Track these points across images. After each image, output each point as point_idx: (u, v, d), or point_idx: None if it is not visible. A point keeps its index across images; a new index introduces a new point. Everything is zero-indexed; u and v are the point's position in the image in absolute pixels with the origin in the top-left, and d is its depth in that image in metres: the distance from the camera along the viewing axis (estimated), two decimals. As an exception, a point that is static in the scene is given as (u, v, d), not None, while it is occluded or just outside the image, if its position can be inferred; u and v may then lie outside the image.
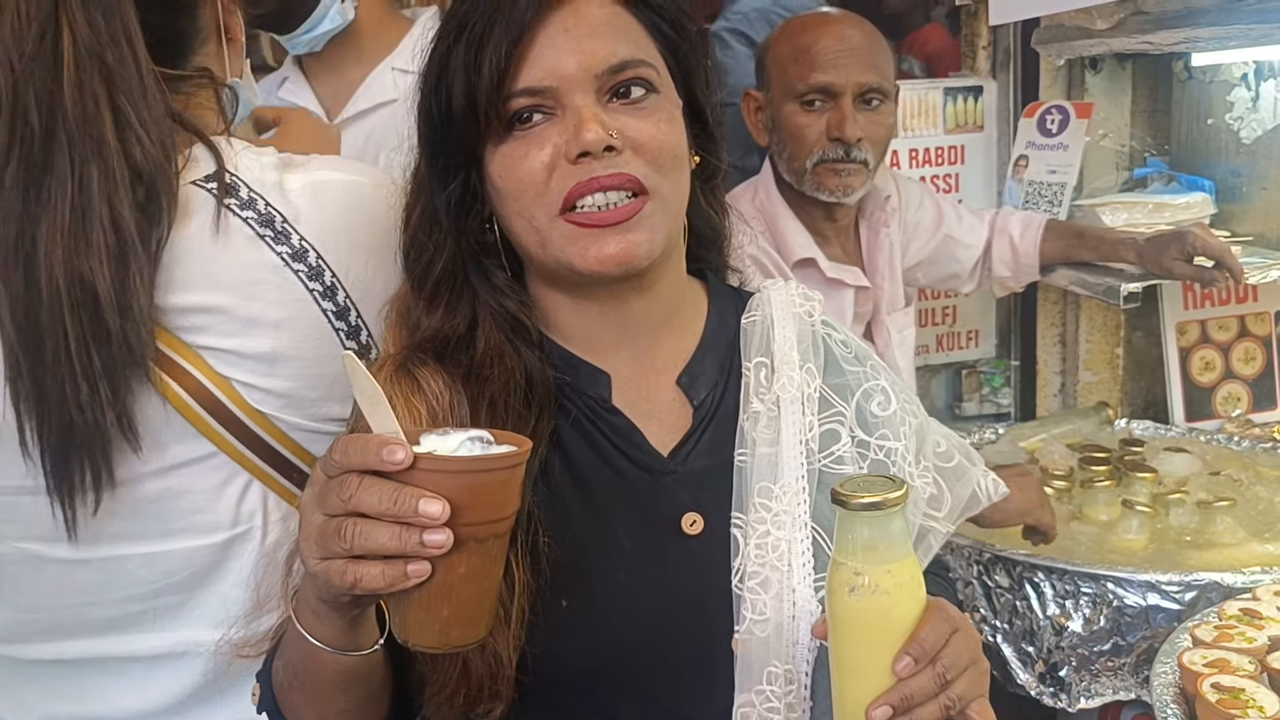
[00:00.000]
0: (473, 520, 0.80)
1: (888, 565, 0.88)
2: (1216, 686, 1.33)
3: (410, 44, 1.85)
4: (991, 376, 2.85)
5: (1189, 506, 1.94)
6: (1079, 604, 1.71)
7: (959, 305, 2.80)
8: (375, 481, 0.79)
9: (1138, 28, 2.14)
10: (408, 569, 0.79)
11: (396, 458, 0.78)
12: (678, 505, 1.04)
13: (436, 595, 0.81)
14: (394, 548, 0.78)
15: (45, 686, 1.23)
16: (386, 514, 0.78)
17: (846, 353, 1.14)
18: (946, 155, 2.74)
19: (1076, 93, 2.55)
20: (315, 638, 0.89)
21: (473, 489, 0.80)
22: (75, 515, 1.10)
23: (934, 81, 2.79)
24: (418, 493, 0.78)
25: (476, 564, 0.82)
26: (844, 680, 0.91)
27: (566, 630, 1.00)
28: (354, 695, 0.96)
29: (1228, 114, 2.35)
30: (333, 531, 0.80)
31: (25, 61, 1.05)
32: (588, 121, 0.96)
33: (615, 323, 1.07)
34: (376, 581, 0.80)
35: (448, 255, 1.05)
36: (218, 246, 1.11)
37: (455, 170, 1.03)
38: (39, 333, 1.05)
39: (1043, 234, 2.31)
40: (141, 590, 1.17)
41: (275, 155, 1.20)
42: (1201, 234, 2.09)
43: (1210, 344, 2.48)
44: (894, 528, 0.89)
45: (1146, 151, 2.57)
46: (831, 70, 1.94)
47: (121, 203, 1.07)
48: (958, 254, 2.32)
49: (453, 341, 1.05)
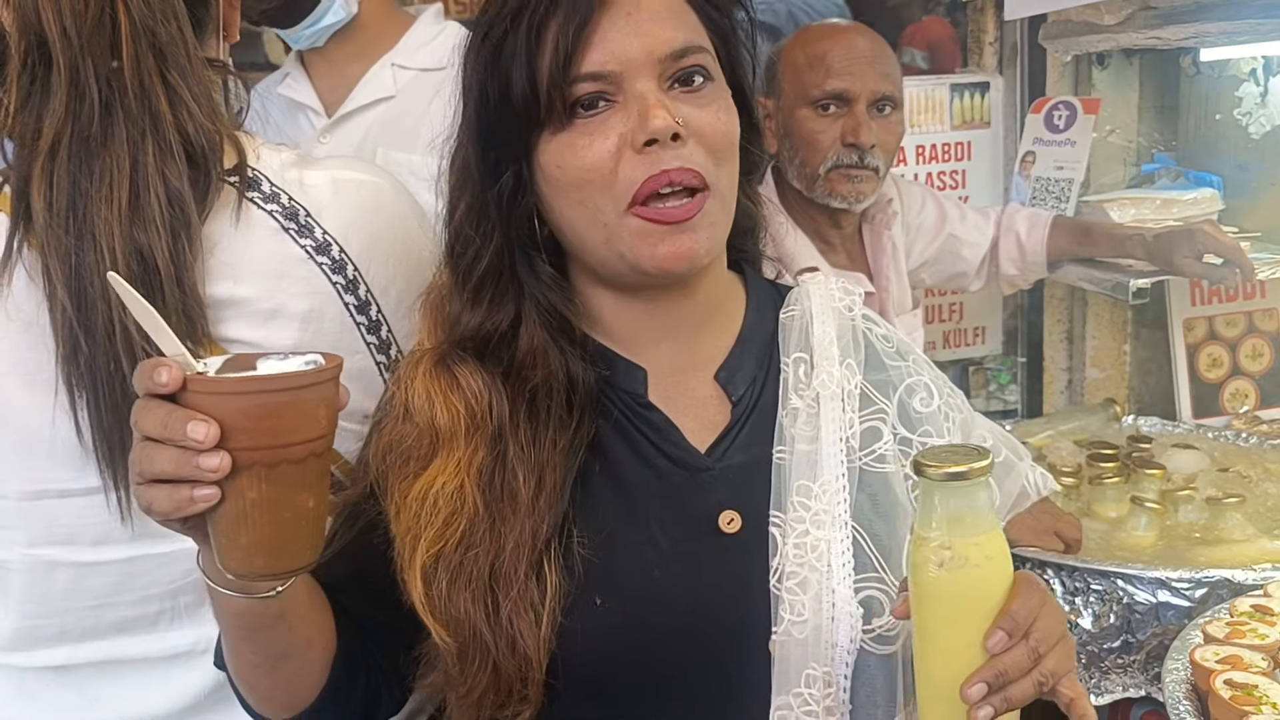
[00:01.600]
0: (255, 444, 0.79)
1: (975, 538, 0.85)
2: (1229, 683, 1.32)
3: (412, 40, 1.85)
4: (998, 373, 2.85)
5: (1198, 503, 1.93)
6: (1089, 601, 1.71)
7: (966, 302, 2.79)
8: (152, 403, 0.79)
9: (1146, 23, 2.13)
10: (193, 494, 0.79)
11: (161, 379, 0.78)
12: (715, 503, 1.02)
13: (231, 522, 0.81)
14: (171, 471, 0.79)
15: (55, 695, 1.21)
16: (161, 437, 0.79)
17: (888, 347, 1.11)
18: (953, 151, 2.73)
19: (1084, 88, 2.54)
20: (207, 575, 0.90)
21: (248, 411, 0.79)
22: (132, 503, 1.09)
23: (941, 77, 2.79)
24: (187, 414, 0.78)
25: (269, 491, 0.80)
26: (930, 659, 0.88)
27: (600, 629, 0.97)
28: (260, 648, 0.95)
29: (1236, 109, 2.34)
30: (133, 457, 0.81)
31: (86, 35, 1.06)
32: (655, 108, 0.94)
33: (659, 320, 1.05)
34: (164, 505, 0.80)
35: (494, 249, 1.02)
36: (242, 239, 1.11)
37: (508, 161, 1.00)
38: (90, 309, 1.05)
39: (1050, 231, 2.30)
40: (159, 590, 1.16)
41: (292, 152, 1.21)
42: (1212, 231, 2.08)
43: (1218, 340, 2.48)
44: (980, 499, 0.86)
45: (1154, 147, 2.56)
46: (847, 76, 1.95)
47: (176, 176, 1.07)
48: (962, 253, 2.31)
49: (494, 339, 1.02)
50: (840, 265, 2.07)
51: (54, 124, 1.06)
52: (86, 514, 1.12)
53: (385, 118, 1.81)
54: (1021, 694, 0.85)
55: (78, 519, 1.12)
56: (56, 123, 1.06)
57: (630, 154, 0.95)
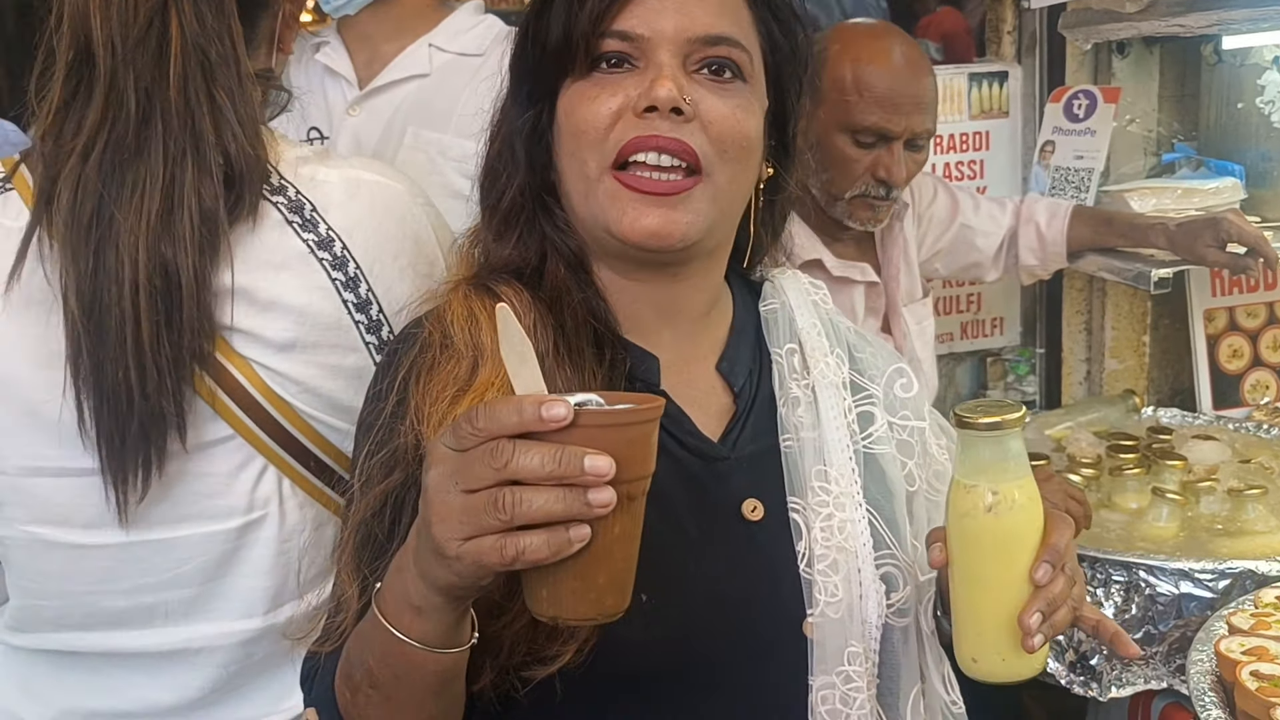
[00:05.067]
0: (628, 477, 0.75)
1: (1019, 481, 0.93)
2: (1256, 674, 1.32)
3: (451, 26, 1.85)
4: (1016, 364, 2.83)
5: (1219, 494, 1.92)
6: (1110, 592, 1.70)
7: (983, 292, 2.78)
8: (533, 444, 0.72)
9: (1169, 10, 2.12)
10: (569, 534, 0.73)
11: (558, 414, 0.72)
12: (736, 491, 1.03)
13: (593, 561, 0.76)
14: (560, 511, 0.72)
15: (60, 680, 1.22)
16: (550, 476, 0.72)
17: (857, 339, 1.16)
18: (972, 141, 2.72)
19: (1103, 77, 2.52)
20: (414, 638, 0.82)
21: (630, 442, 0.76)
22: (126, 500, 1.11)
23: (959, 67, 2.77)
24: (583, 450, 0.72)
25: (628, 524, 0.78)
26: (979, 599, 0.95)
27: (645, 625, 0.94)
28: (448, 697, 0.89)
29: (1259, 98, 2.32)
30: (483, 505, 0.73)
31: (130, 46, 1.06)
32: (663, 79, 0.96)
33: (658, 306, 1.05)
34: (541, 551, 0.73)
35: (517, 187, 1.04)
36: (244, 228, 1.11)
37: (535, 100, 1.03)
38: (103, 315, 1.06)
39: (1070, 221, 2.28)
40: (152, 581, 1.16)
41: (311, 149, 1.22)
42: (1237, 220, 2.07)
43: (1238, 331, 2.46)
44: (1017, 446, 0.94)
45: (1174, 136, 2.54)
46: (892, 115, 1.91)
47: (211, 197, 1.08)
48: (976, 242, 2.30)
49: (526, 272, 1.03)
50: (848, 256, 2.07)
51: (89, 129, 1.07)
52: (80, 495, 1.13)
53: (418, 96, 1.80)
54: (1063, 620, 0.93)
55: (71, 499, 1.13)
56: (91, 129, 1.07)
57: (629, 116, 0.96)
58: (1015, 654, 0.93)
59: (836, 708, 1.00)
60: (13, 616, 1.22)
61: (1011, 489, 0.93)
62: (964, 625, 0.96)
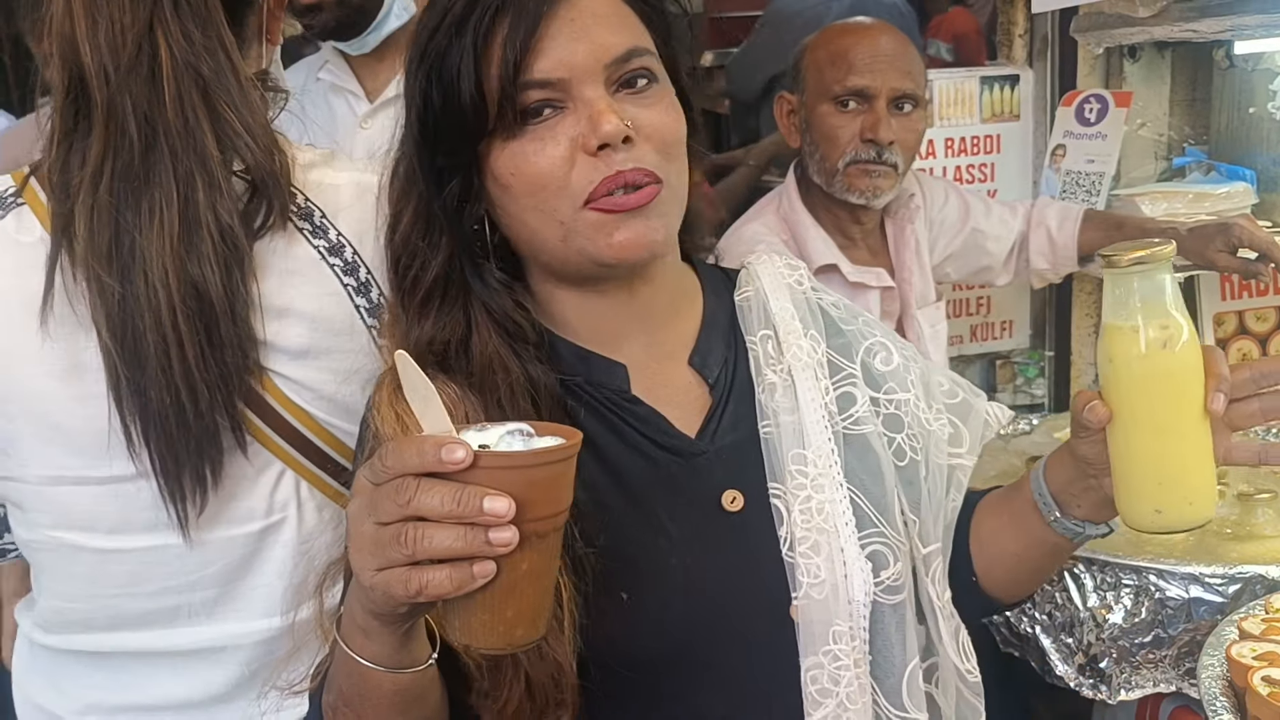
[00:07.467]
0: (534, 516, 0.78)
1: (1183, 313, 0.91)
2: (1268, 680, 1.32)
3: None
4: (1026, 367, 2.84)
5: (1229, 499, 1.92)
6: (1120, 596, 1.70)
7: (993, 295, 2.78)
8: (435, 483, 0.75)
9: (1182, 15, 2.12)
10: (473, 570, 0.75)
11: (456, 456, 0.74)
12: (715, 484, 1.05)
13: (501, 595, 0.78)
14: (460, 549, 0.75)
15: (87, 676, 1.24)
16: (450, 515, 0.74)
17: (841, 313, 1.17)
18: (982, 144, 2.72)
19: (1115, 81, 2.52)
20: (367, 658, 0.85)
21: (533, 483, 0.78)
22: (187, 515, 1.12)
23: (970, 70, 2.77)
24: (482, 491, 0.75)
25: (538, 560, 0.80)
26: (1159, 445, 0.92)
27: (630, 624, 0.99)
28: (416, 715, 0.91)
29: (1270, 103, 2.31)
30: (390, 539, 0.75)
31: (123, 73, 1.06)
32: (605, 113, 0.95)
33: (624, 313, 1.06)
34: (443, 586, 0.75)
35: (443, 258, 1.01)
36: (264, 239, 1.12)
37: (455, 169, 1.00)
38: (138, 341, 1.06)
39: (1081, 224, 2.28)
40: (176, 583, 1.17)
41: (316, 152, 1.21)
42: (1248, 225, 2.07)
43: (1248, 335, 2.46)
44: (1172, 280, 0.91)
45: (1185, 141, 2.54)
46: (867, 74, 1.97)
47: (228, 212, 1.07)
48: (987, 246, 2.31)
49: (451, 348, 1.01)
50: (862, 261, 2.09)
51: (95, 159, 1.06)
52: (101, 503, 1.14)
53: None
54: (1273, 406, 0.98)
55: (92, 506, 1.14)
56: (96, 158, 1.06)
57: (584, 157, 0.96)
58: (1201, 495, 0.92)
59: (825, 686, 1.01)
60: (42, 616, 1.24)
61: (1180, 321, 0.90)
62: (1141, 479, 0.93)
